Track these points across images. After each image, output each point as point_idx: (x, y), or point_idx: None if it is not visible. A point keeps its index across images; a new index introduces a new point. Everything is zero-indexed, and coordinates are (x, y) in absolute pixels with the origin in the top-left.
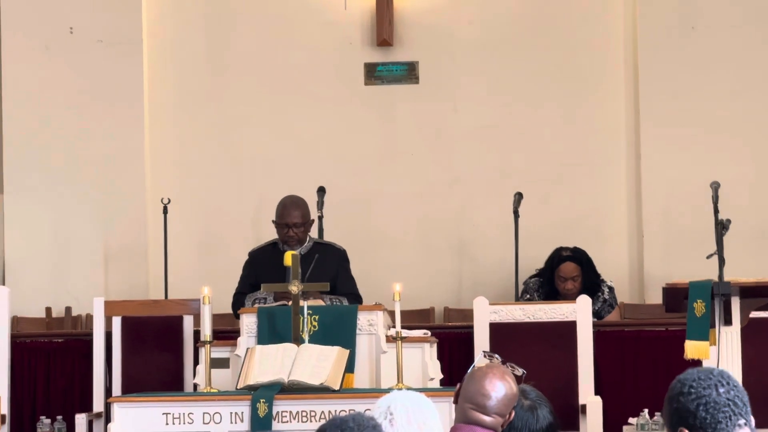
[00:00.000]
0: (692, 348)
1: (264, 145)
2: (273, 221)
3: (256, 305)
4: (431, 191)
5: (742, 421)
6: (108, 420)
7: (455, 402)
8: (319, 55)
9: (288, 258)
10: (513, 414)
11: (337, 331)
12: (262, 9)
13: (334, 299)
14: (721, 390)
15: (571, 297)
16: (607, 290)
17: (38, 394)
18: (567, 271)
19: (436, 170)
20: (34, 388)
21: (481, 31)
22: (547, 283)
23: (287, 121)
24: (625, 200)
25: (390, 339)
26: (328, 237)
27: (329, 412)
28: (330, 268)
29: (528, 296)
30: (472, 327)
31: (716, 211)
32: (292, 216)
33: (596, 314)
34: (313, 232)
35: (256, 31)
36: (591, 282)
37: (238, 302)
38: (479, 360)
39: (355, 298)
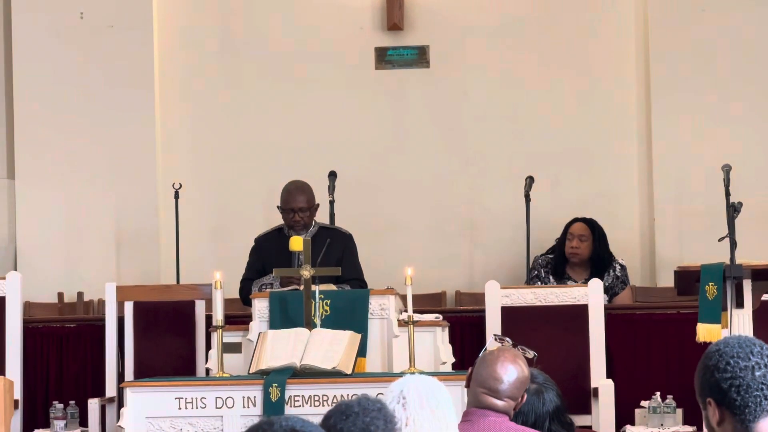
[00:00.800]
0: (704, 331)
1: (275, 130)
2: (278, 207)
3: (266, 290)
4: (442, 175)
5: None
6: (121, 405)
7: (467, 386)
8: (329, 39)
9: (293, 243)
10: (525, 397)
11: (349, 315)
12: None
13: (338, 287)
14: (758, 373)
15: (576, 260)
16: (619, 267)
17: (51, 379)
18: (576, 229)
19: (446, 154)
20: (46, 373)
21: (491, 15)
22: (558, 247)
23: (298, 105)
24: (637, 184)
25: (402, 323)
26: (339, 221)
27: (341, 396)
28: (336, 252)
29: (536, 272)
30: (483, 311)
31: (728, 194)
32: (297, 201)
33: (608, 290)
34: (324, 217)
35: (267, 15)
36: (601, 254)
37: (245, 288)
38: (490, 343)
39: (360, 285)
